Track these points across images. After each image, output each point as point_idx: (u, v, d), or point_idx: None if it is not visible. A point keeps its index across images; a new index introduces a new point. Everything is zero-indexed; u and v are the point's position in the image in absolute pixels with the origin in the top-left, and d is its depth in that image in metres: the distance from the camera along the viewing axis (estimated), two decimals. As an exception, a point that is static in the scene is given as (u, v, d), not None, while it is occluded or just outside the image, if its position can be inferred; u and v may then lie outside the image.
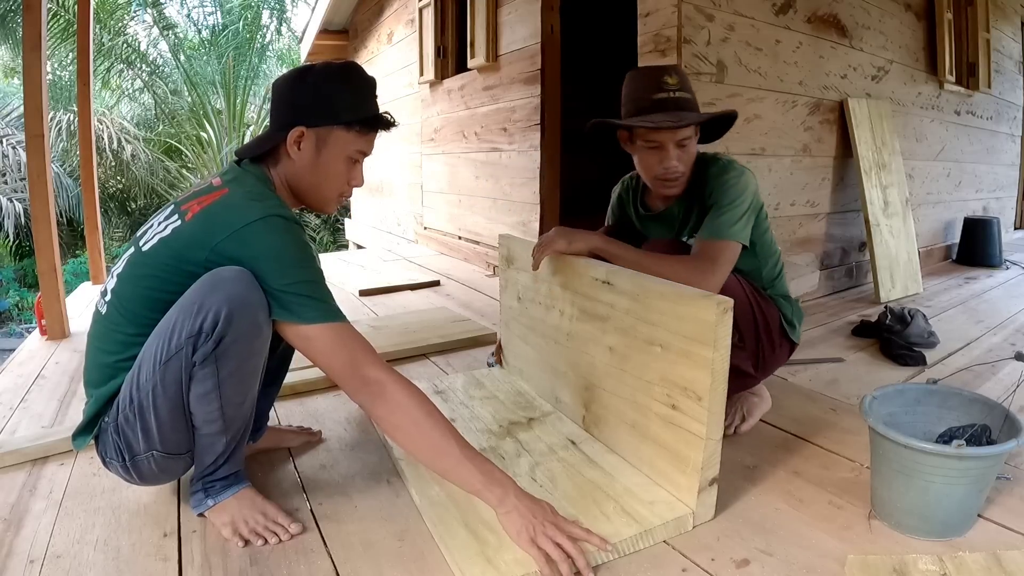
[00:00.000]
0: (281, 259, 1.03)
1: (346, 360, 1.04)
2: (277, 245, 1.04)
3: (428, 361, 2.09)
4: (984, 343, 2.27)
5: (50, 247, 2.41)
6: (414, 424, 1.04)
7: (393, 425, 1.06)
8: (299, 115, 1.14)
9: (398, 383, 1.05)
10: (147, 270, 1.07)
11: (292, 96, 1.16)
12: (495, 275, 3.60)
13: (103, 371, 1.10)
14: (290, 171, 1.18)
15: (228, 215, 1.05)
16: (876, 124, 3.07)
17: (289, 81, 1.17)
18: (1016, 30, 4.64)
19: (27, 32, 2.34)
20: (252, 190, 1.11)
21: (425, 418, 1.04)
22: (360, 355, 1.05)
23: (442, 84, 4.36)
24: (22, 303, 10.11)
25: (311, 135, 1.14)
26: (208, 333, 0.99)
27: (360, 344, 1.06)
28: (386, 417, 1.06)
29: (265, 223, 1.04)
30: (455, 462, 1.03)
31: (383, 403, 1.05)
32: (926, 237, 3.75)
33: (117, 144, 9.48)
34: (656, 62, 2.35)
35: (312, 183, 1.18)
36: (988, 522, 1.12)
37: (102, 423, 1.10)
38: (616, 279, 1.28)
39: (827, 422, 1.55)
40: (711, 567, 1.02)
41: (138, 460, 1.09)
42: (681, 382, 1.12)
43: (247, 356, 1.05)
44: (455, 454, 1.03)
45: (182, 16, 11.62)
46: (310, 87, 1.14)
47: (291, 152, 1.15)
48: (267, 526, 1.11)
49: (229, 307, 0.99)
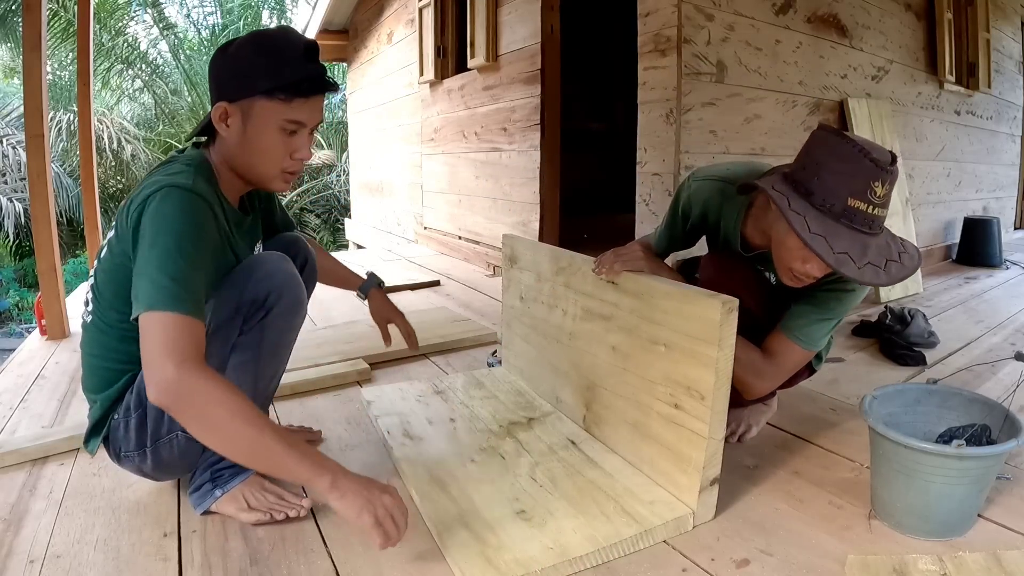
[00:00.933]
0: (150, 230, 0.96)
1: (154, 351, 0.90)
2: (161, 214, 0.97)
3: (428, 361, 2.09)
4: (984, 343, 2.27)
5: (50, 247, 2.41)
6: (223, 425, 0.91)
7: (199, 428, 0.92)
8: (221, 91, 1.07)
9: (198, 379, 0.90)
10: (110, 275, 1.08)
11: (214, 72, 1.09)
12: (495, 275, 3.60)
13: (104, 375, 1.12)
14: (225, 151, 1.11)
15: (139, 192, 1.02)
16: (876, 124, 3.07)
17: (213, 58, 1.10)
18: (1016, 30, 4.64)
19: (27, 32, 2.34)
20: (166, 169, 1.06)
21: (234, 417, 0.91)
22: (173, 347, 0.90)
23: (442, 84, 4.35)
24: (22, 303, 10.11)
25: (235, 110, 1.06)
26: (261, 302, 1.09)
27: (176, 336, 0.91)
28: (189, 421, 0.92)
29: (159, 194, 0.98)
30: (278, 456, 0.92)
31: (182, 406, 0.91)
32: (926, 237, 3.75)
33: (117, 144, 9.47)
34: (656, 62, 2.35)
35: (247, 161, 1.10)
36: (988, 522, 1.11)
37: (111, 422, 1.12)
38: (620, 278, 1.28)
39: (827, 422, 1.55)
40: (711, 567, 1.02)
41: (160, 445, 1.11)
42: (685, 381, 1.12)
43: (287, 330, 1.17)
44: (275, 448, 0.92)
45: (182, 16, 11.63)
46: (228, 59, 1.07)
47: (220, 131, 1.08)
48: (279, 503, 1.16)
49: (282, 279, 1.11)
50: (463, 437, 1.44)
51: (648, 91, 2.40)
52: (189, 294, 0.94)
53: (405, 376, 1.95)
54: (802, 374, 1.47)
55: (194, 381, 0.90)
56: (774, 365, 1.29)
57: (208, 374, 0.92)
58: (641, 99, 2.44)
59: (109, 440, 1.14)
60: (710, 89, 2.37)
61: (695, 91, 2.32)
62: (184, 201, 0.99)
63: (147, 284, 0.93)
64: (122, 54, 9.99)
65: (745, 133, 2.52)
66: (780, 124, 2.67)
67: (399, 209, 5.35)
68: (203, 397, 0.90)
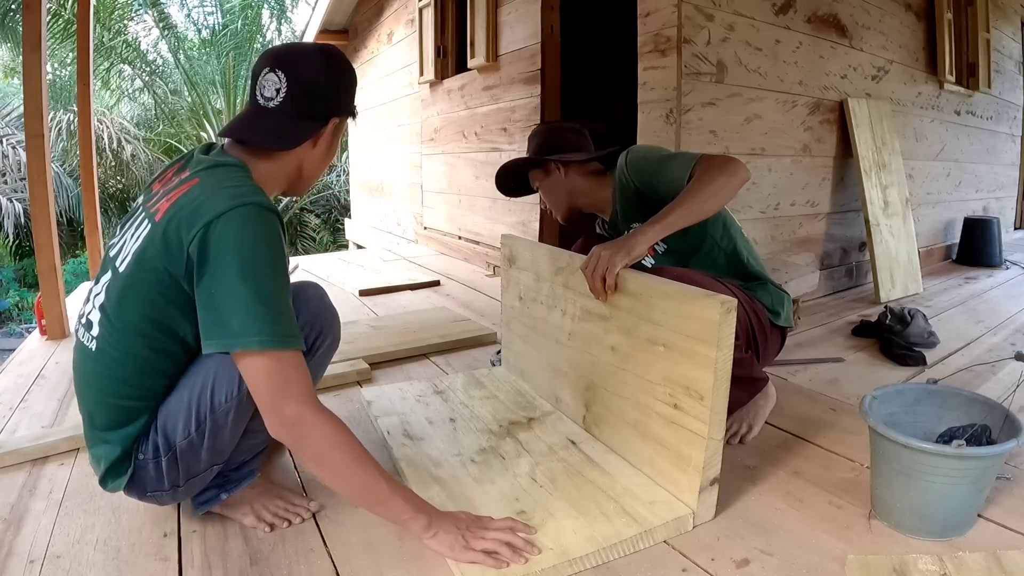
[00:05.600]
0: (236, 256, 0.91)
1: (270, 392, 0.92)
2: (242, 238, 0.92)
3: (428, 361, 2.09)
4: (984, 343, 2.27)
5: (50, 247, 2.41)
6: (338, 466, 0.97)
7: (316, 466, 0.97)
8: (336, 106, 1.10)
9: (318, 422, 0.94)
10: (132, 296, 0.98)
11: (329, 84, 1.08)
12: (495, 275, 3.60)
13: (119, 413, 1.02)
14: (304, 160, 1.11)
15: (199, 208, 0.93)
16: (876, 124, 3.07)
17: (322, 68, 1.07)
18: (1016, 30, 4.64)
19: (27, 32, 2.34)
20: (226, 177, 1.00)
21: (349, 460, 0.96)
22: (288, 387, 0.93)
23: (442, 84, 4.35)
24: (22, 303, 10.11)
25: (342, 125, 1.14)
26: (308, 347, 1.07)
27: (292, 375, 0.93)
28: (308, 459, 0.97)
29: (237, 213, 0.92)
30: (384, 497, 0.99)
31: (304, 445, 0.95)
32: (926, 237, 3.75)
33: (117, 144, 9.47)
34: (656, 62, 2.35)
35: (319, 170, 1.17)
36: (988, 522, 1.12)
37: (137, 462, 1.04)
38: (620, 278, 1.28)
39: (827, 422, 1.55)
40: (711, 567, 1.02)
41: (193, 481, 1.08)
42: (684, 381, 1.12)
43: (324, 366, 1.23)
44: (384, 490, 0.98)
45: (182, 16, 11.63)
46: (337, 77, 1.10)
47: (314, 142, 1.10)
48: (287, 508, 1.16)
49: (326, 319, 1.15)
50: (463, 437, 1.44)
51: (648, 91, 2.40)
52: (292, 327, 0.95)
53: (405, 376, 1.95)
54: (775, 340, 1.58)
55: (313, 424, 0.94)
56: (713, 159, 1.36)
57: (325, 416, 0.96)
58: (641, 99, 2.44)
59: (133, 479, 1.05)
60: (710, 89, 2.37)
61: (695, 91, 2.32)
62: (269, 224, 0.95)
63: (246, 318, 0.90)
64: (122, 54, 9.99)
65: (745, 133, 2.52)
66: (780, 124, 2.67)
67: (399, 209, 5.35)
68: (325, 442, 0.95)
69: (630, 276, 1.25)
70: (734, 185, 1.32)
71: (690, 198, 1.28)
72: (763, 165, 2.62)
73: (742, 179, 1.32)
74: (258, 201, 0.95)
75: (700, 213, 1.30)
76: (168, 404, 1.02)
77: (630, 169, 1.52)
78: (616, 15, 4.58)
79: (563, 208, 1.72)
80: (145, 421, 1.03)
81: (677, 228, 1.26)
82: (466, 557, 0.99)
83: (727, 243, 1.55)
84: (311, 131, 1.08)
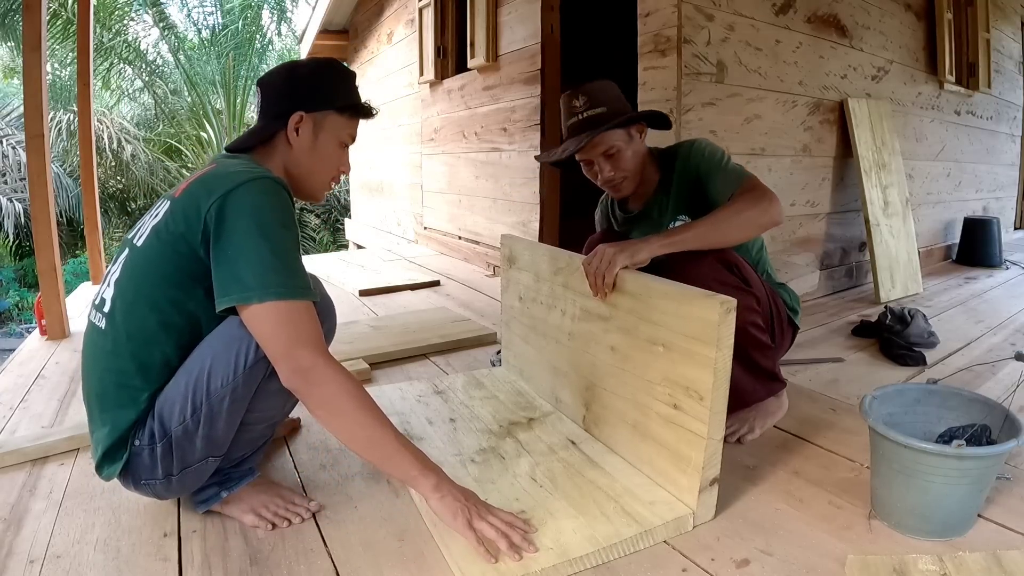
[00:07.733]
0: (251, 218, 0.98)
1: (285, 340, 0.97)
2: (259, 204, 1.00)
3: (428, 361, 2.09)
4: (984, 343, 2.27)
5: (50, 247, 2.41)
6: (349, 414, 0.99)
7: (327, 414, 1.00)
8: (296, 102, 1.16)
9: (331, 369, 0.98)
10: (147, 267, 1.04)
11: (287, 87, 1.18)
12: (495, 275, 3.60)
13: (123, 392, 1.04)
14: (287, 159, 1.18)
15: (216, 182, 1.02)
16: (876, 124, 3.07)
17: (282, 75, 1.20)
18: (1016, 30, 4.64)
19: (27, 32, 2.34)
20: (240, 162, 1.12)
21: (360, 409, 0.99)
22: (302, 336, 0.97)
23: (442, 84, 4.36)
24: (22, 303, 10.12)
25: (309, 120, 1.16)
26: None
27: (307, 325, 0.98)
28: (319, 406, 0.99)
29: (253, 184, 1.01)
30: (392, 451, 1.01)
31: (316, 392, 0.98)
32: (926, 237, 3.75)
33: (117, 144, 9.48)
34: (656, 62, 2.35)
35: (309, 168, 1.20)
36: (988, 522, 1.12)
37: (133, 448, 1.05)
38: (619, 279, 1.28)
39: (827, 422, 1.55)
40: (711, 567, 1.02)
41: (188, 472, 1.08)
42: (683, 382, 1.12)
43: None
44: (392, 443, 1.01)
45: (182, 16, 11.64)
46: (304, 77, 1.18)
47: (290, 138, 1.16)
48: (288, 507, 1.16)
49: (323, 308, 1.13)
50: (463, 437, 1.44)
51: (648, 91, 2.40)
52: (306, 280, 1.01)
53: (405, 376, 1.95)
54: (787, 337, 1.58)
55: (326, 370, 0.97)
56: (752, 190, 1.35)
57: (337, 364, 1.00)
58: (641, 99, 2.44)
59: (128, 466, 1.06)
60: (710, 89, 2.37)
61: (695, 91, 2.32)
62: (281, 192, 1.04)
63: (262, 271, 0.96)
64: (122, 54, 9.99)
65: (745, 133, 2.52)
66: (780, 124, 2.67)
67: (399, 209, 5.35)
68: (335, 387, 0.98)
69: (629, 276, 1.25)
70: (761, 225, 1.33)
71: (712, 225, 1.29)
72: (763, 165, 2.62)
73: (771, 221, 1.33)
74: (272, 176, 1.05)
75: (715, 242, 1.31)
76: (166, 392, 1.04)
77: (697, 158, 1.48)
78: (616, 15, 4.58)
79: (637, 177, 1.54)
80: (144, 408, 1.04)
81: (688, 248, 1.28)
82: (465, 532, 1.00)
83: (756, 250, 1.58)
84: (276, 127, 1.17)
